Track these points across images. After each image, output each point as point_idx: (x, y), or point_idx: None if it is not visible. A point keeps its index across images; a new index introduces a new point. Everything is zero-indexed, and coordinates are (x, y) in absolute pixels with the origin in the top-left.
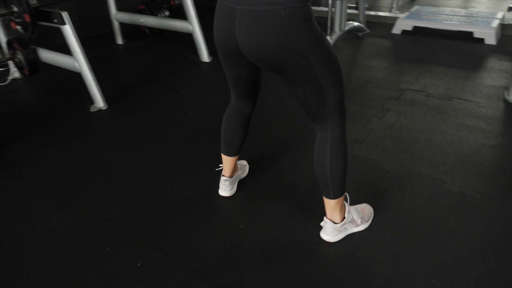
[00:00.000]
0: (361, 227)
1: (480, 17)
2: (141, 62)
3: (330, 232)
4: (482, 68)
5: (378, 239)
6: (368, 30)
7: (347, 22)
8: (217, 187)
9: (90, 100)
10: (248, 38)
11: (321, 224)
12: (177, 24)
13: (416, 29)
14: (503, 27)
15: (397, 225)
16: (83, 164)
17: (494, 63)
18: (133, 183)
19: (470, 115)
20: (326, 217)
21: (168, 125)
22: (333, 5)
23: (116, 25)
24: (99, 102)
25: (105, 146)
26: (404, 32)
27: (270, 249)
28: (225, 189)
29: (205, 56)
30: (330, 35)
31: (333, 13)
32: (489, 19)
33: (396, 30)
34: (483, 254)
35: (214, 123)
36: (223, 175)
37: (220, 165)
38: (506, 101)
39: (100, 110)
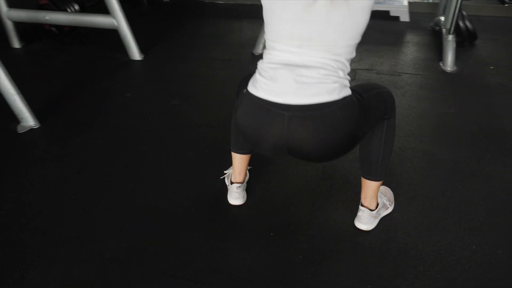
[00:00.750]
0: (390, 210)
1: None
2: (60, 68)
3: (367, 221)
4: (409, 43)
5: (408, 217)
6: None
7: None
8: (220, 196)
9: (15, 118)
10: (301, 142)
11: (359, 214)
12: (98, 20)
13: None
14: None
15: (416, 201)
16: (38, 197)
17: (416, 38)
18: (121, 211)
19: (423, 88)
20: (363, 206)
21: (132, 135)
22: None
23: (9, 25)
24: (28, 120)
25: (68, 172)
26: None
27: (312, 252)
28: (238, 197)
29: (136, 54)
30: None
31: None
32: None
33: None
34: (499, 212)
35: (182, 126)
36: (234, 182)
37: (226, 171)
38: (444, 72)
39: (31, 130)
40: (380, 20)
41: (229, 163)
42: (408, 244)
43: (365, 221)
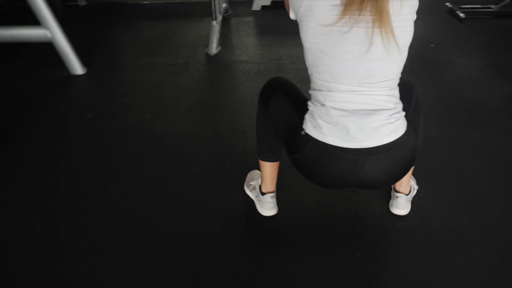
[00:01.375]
0: (415, 191)
1: None
2: None
3: (404, 206)
4: None
5: (432, 198)
6: (231, 11)
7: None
8: (248, 211)
9: None
10: (373, 180)
11: (395, 201)
12: (26, 33)
13: (274, 3)
14: None
15: (431, 181)
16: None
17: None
18: (141, 250)
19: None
20: (398, 192)
21: (117, 160)
22: None
23: None
24: None
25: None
26: (264, 7)
27: (367, 247)
28: (273, 207)
29: (77, 68)
30: (216, 19)
31: None
32: None
33: (256, 7)
34: (498, 174)
35: (170, 141)
36: (266, 192)
37: (251, 183)
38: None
39: None
40: None
41: (241, 174)
42: (445, 221)
43: (402, 206)
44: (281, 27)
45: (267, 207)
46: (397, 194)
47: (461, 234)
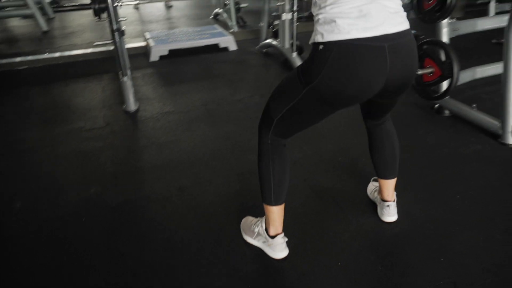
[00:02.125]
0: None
1: (211, 31)
2: None
3: (394, 212)
4: (255, 67)
5: (408, 197)
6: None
7: None
8: (259, 261)
9: None
10: (404, 70)
11: (385, 210)
12: None
13: (172, 52)
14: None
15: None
16: None
17: (257, 60)
18: None
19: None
20: (388, 200)
21: (85, 254)
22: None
23: None
24: None
25: None
26: (162, 57)
27: (390, 262)
28: (285, 246)
29: None
30: (126, 74)
31: (121, 51)
32: (219, 31)
33: (154, 57)
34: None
35: (137, 212)
36: (276, 234)
37: (255, 230)
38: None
39: None
40: (213, 53)
41: (228, 225)
42: (428, 215)
43: (393, 212)
44: (188, 75)
45: (280, 249)
46: (387, 203)
47: (446, 223)
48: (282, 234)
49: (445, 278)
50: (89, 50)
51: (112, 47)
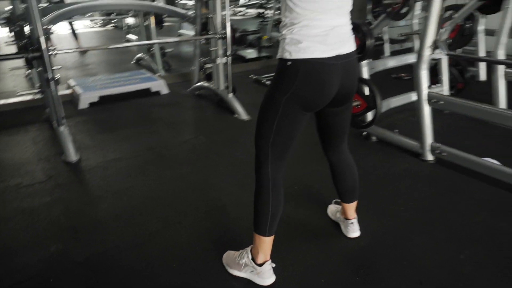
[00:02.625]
0: None
1: (141, 76)
2: None
3: (357, 228)
4: (191, 109)
5: (362, 215)
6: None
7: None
8: None
9: None
10: (350, 82)
11: (350, 227)
12: None
13: (102, 98)
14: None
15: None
16: None
17: (191, 102)
18: None
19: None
20: (352, 218)
21: None
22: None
23: None
24: None
25: None
26: (92, 104)
27: (367, 275)
28: (272, 273)
29: None
30: (62, 124)
31: (56, 100)
32: (148, 75)
33: (83, 105)
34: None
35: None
36: (265, 261)
37: (241, 262)
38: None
39: None
40: (145, 97)
41: (211, 262)
42: (382, 225)
43: (357, 228)
44: (126, 120)
45: (268, 275)
46: (351, 221)
47: (400, 232)
48: (270, 261)
49: (412, 277)
50: (11, 100)
51: (37, 96)
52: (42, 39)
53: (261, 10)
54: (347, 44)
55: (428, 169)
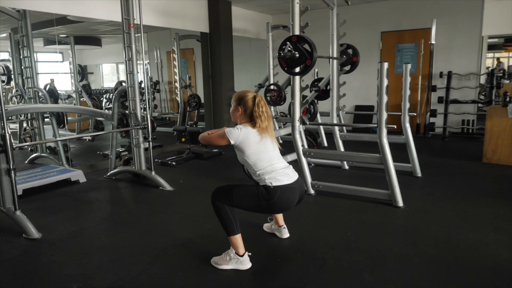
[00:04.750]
0: None
1: (55, 169)
2: None
3: (287, 231)
4: (116, 189)
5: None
6: None
7: None
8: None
9: None
10: (300, 195)
11: (283, 231)
12: None
13: (25, 191)
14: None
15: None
16: None
17: (113, 185)
18: None
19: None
20: (282, 225)
21: None
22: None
23: None
24: None
25: None
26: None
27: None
28: (249, 260)
29: None
30: (16, 209)
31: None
32: (62, 168)
33: None
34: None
35: None
36: (244, 253)
37: (227, 258)
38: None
39: None
40: (62, 187)
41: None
42: (304, 229)
43: (287, 231)
44: (57, 206)
45: (247, 261)
46: (283, 226)
47: (310, 229)
48: (246, 252)
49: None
50: None
51: None
52: None
53: None
54: (295, 174)
55: (313, 198)
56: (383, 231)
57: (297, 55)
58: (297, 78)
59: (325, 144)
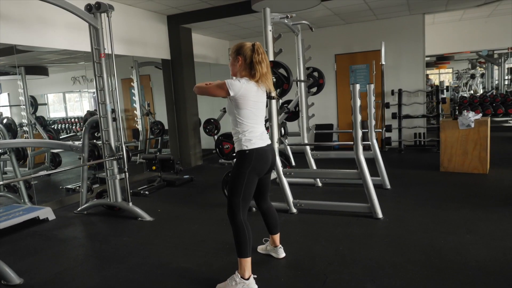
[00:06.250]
0: None
1: (21, 208)
2: None
3: (283, 251)
4: (91, 224)
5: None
6: None
7: None
8: None
9: None
10: (273, 158)
11: (279, 251)
12: None
13: None
14: None
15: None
16: None
17: (87, 220)
18: None
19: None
20: (278, 245)
21: None
22: None
23: None
24: None
25: None
26: None
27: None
28: (255, 282)
29: None
30: None
31: None
32: (28, 206)
33: None
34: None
35: None
36: (250, 276)
37: (233, 283)
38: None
39: None
40: (34, 226)
41: None
42: (296, 247)
43: (283, 251)
44: (27, 249)
45: (253, 284)
46: (279, 246)
47: (302, 248)
48: (252, 275)
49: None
50: None
51: None
52: None
53: None
54: (268, 138)
55: (297, 217)
56: (371, 242)
57: (274, 80)
58: (274, 101)
59: (293, 163)
